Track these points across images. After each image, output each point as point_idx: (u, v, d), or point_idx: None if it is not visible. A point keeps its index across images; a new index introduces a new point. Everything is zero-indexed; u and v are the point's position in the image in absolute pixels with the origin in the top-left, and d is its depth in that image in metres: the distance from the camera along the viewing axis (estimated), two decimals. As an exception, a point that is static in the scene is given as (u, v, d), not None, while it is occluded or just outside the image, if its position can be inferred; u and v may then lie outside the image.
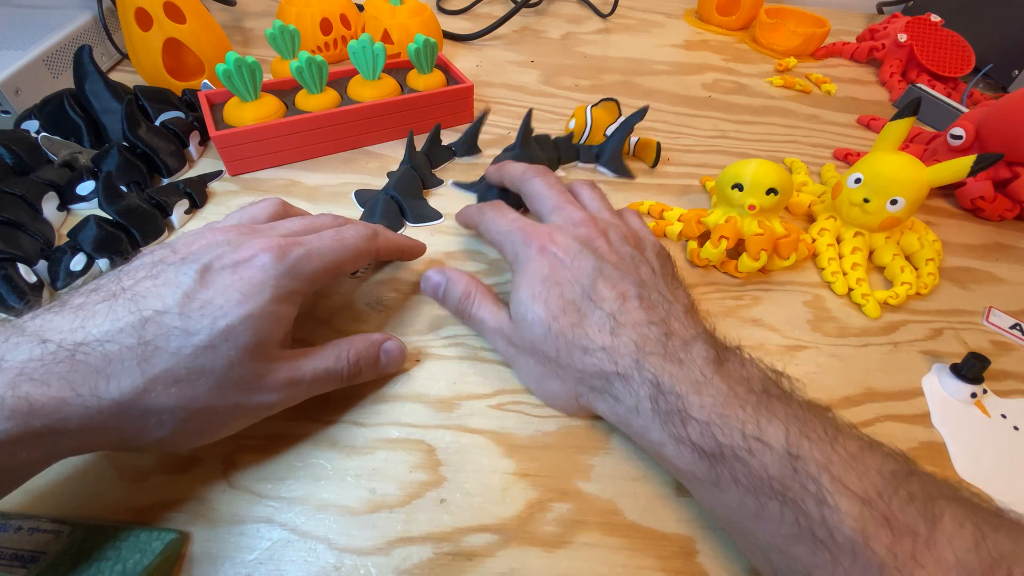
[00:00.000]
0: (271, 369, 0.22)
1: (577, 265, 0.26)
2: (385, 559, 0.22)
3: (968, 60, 0.60)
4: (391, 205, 0.37)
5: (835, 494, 0.18)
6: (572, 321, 0.24)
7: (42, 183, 0.34)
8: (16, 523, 0.21)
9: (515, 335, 0.26)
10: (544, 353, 0.25)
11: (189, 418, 0.20)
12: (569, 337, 0.24)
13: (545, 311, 0.25)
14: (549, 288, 0.25)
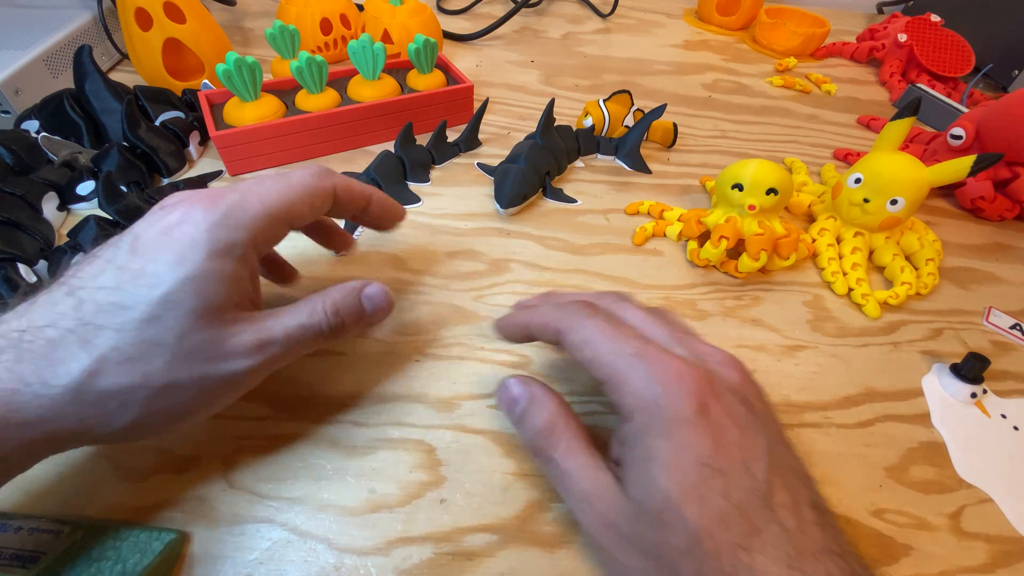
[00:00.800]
0: (231, 333, 0.20)
1: (749, 444, 0.18)
2: (385, 559, 0.22)
3: (968, 60, 0.60)
4: None
5: None
6: (738, 541, 0.16)
7: (42, 183, 0.34)
8: (16, 523, 0.21)
9: (627, 524, 0.18)
10: (673, 569, 0.17)
11: (153, 397, 0.18)
12: (727, 565, 0.16)
13: (700, 518, 0.16)
14: (710, 479, 0.17)
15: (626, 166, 0.45)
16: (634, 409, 0.18)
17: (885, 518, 0.25)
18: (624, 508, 0.18)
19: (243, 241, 0.20)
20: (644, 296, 0.34)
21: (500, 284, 0.34)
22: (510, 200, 0.38)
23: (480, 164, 0.43)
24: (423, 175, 0.41)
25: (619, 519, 0.18)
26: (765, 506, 0.17)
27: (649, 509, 0.17)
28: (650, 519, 0.17)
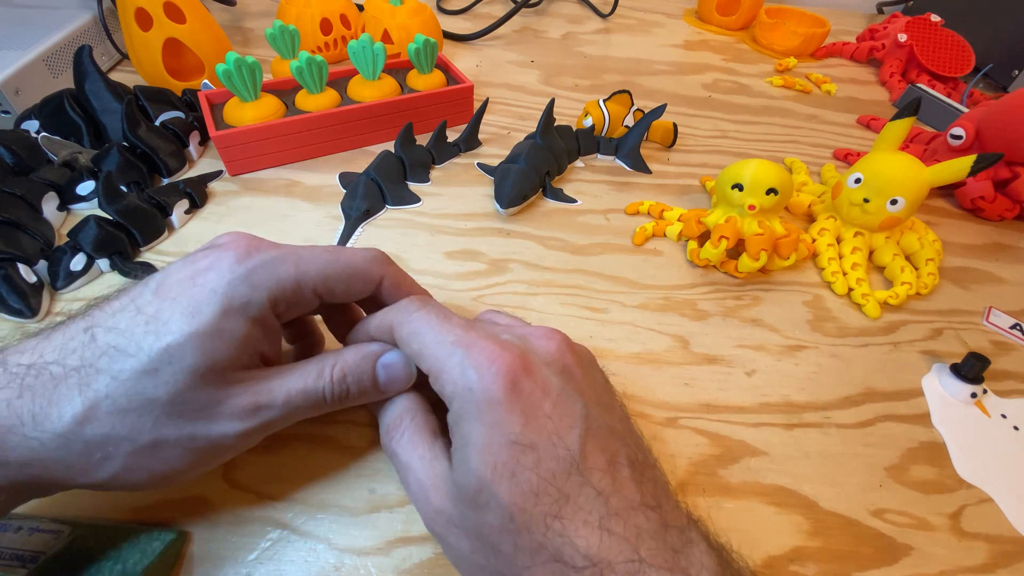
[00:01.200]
0: (229, 394, 0.18)
1: (562, 414, 0.18)
2: (385, 559, 0.22)
3: (968, 60, 0.60)
4: (372, 187, 0.38)
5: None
6: (549, 510, 0.17)
7: (42, 183, 0.34)
8: (16, 523, 0.21)
9: (455, 509, 0.18)
10: (494, 546, 0.17)
11: (138, 453, 0.18)
12: (539, 535, 0.17)
13: (510, 495, 0.17)
14: (520, 455, 0.17)
15: (626, 166, 0.45)
16: (452, 396, 0.18)
17: (885, 518, 0.25)
18: (450, 494, 0.18)
19: (261, 302, 0.19)
20: (644, 296, 0.34)
21: (500, 284, 0.34)
22: (510, 200, 0.38)
23: (480, 164, 0.43)
24: (423, 175, 0.41)
25: (448, 505, 0.19)
26: (577, 472, 0.17)
27: (468, 492, 0.18)
28: (470, 502, 0.18)
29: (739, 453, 0.27)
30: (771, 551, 0.23)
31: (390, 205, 0.39)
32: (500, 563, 0.17)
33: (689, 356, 0.31)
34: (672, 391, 0.29)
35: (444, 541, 0.19)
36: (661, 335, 0.32)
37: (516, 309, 0.33)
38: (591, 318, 0.33)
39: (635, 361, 0.30)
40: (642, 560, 0.16)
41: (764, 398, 0.29)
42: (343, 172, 0.41)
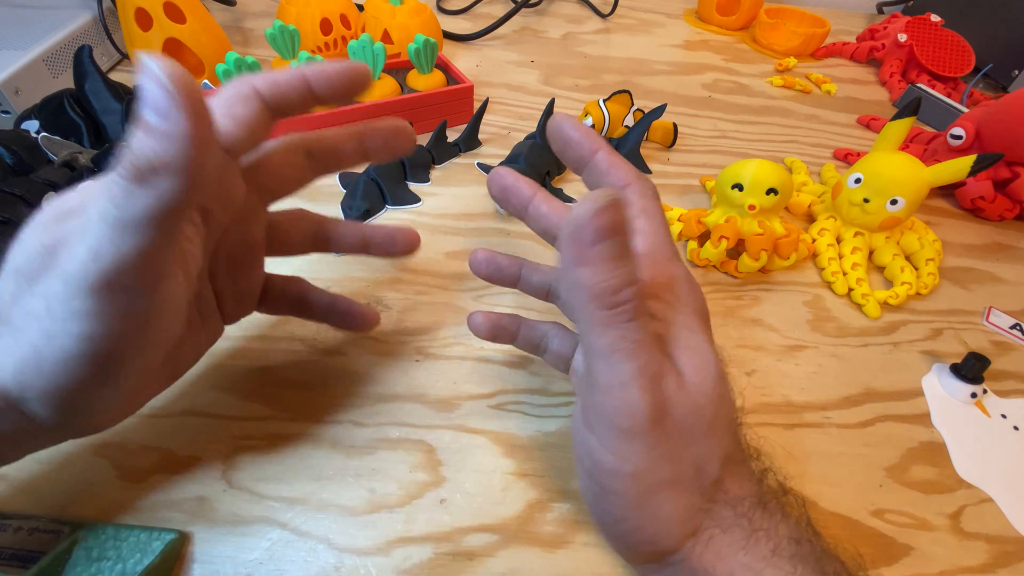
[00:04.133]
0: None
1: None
2: (385, 559, 0.22)
3: (968, 60, 0.60)
4: (372, 187, 0.38)
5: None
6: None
7: (42, 183, 0.34)
8: (16, 523, 0.21)
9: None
10: (703, 419, 0.18)
11: (18, 337, 0.15)
12: (730, 404, 0.19)
13: (714, 350, 0.19)
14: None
15: (626, 166, 0.45)
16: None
17: (885, 518, 0.25)
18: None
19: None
20: (644, 296, 0.34)
21: (500, 284, 0.34)
22: None
23: (480, 164, 0.43)
24: (423, 175, 0.41)
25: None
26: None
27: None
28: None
29: (739, 453, 0.27)
30: (771, 551, 0.23)
31: (390, 205, 0.39)
32: (688, 443, 0.18)
33: (689, 356, 0.31)
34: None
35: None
36: (661, 335, 0.32)
37: (516, 309, 0.33)
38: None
39: (635, 361, 0.30)
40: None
41: (764, 398, 0.29)
42: (343, 172, 0.41)
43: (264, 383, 0.27)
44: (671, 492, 0.17)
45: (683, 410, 0.17)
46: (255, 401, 0.27)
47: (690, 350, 0.18)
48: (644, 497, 0.17)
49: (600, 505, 0.18)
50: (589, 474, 0.18)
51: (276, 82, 0.19)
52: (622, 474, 0.17)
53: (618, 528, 0.18)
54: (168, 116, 0.13)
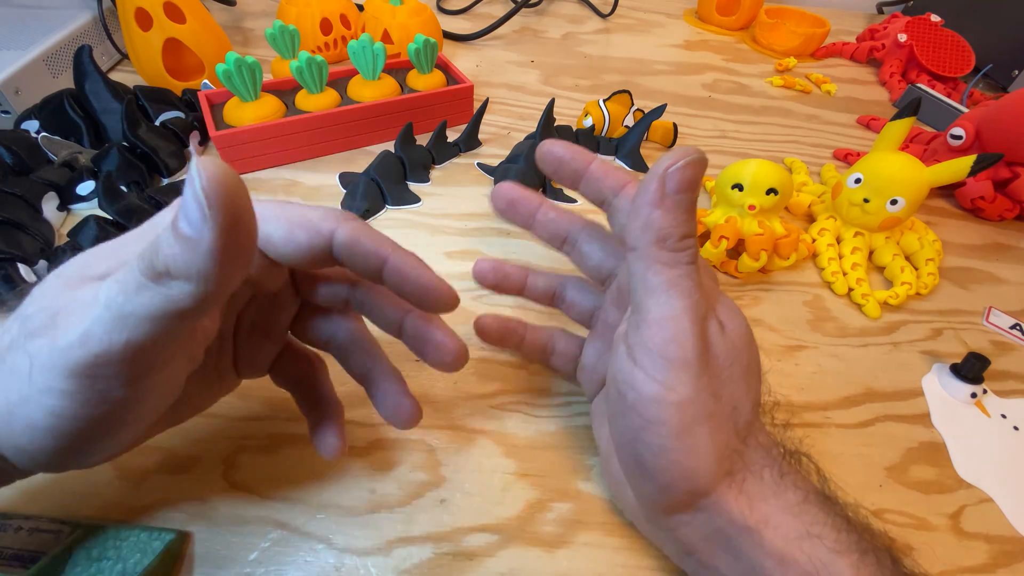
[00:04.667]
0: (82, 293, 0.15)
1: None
2: (385, 559, 0.22)
3: (968, 60, 0.60)
4: (372, 187, 0.38)
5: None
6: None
7: (42, 183, 0.34)
8: (16, 523, 0.21)
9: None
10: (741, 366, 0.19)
11: (9, 389, 0.15)
12: (758, 357, 0.21)
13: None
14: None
15: (626, 166, 0.45)
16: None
17: (885, 518, 0.25)
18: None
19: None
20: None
21: (500, 284, 0.34)
22: None
23: (480, 164, 0.43)
24: (423, 175, 0.41)
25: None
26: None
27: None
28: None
29: (739, 453, 0.27)
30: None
31: (390, 205, 0.39)
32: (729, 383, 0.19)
33: (689, 356, 0.31)
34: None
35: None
36: (661, 335, 0.32)
37: (516, 309, 0.33)
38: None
39: (635, 361, 0.30)
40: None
41: (764, 398, 0.29)
42: (343, 172, 0.41)
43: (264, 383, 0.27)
44: (711, 427, 0.18)
45: (723, 350, 0.19)
46: (255, 401, 0.27)
47: (725, 306, 0.20)
48: (687, 428, 0.18)
49: (641, 439, 0.19)
50: (632, 408, 0.19)
51: (357, 239, 0.18)
52: (668, 402, 0.18)
53: (658, 462, 0.18)
54: (196, 226, 0.12)
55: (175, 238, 0.13)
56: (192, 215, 0.12)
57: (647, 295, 0.18)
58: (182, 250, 0.13)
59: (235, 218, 0.12)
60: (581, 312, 0.26)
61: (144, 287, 0.13)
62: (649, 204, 0.18)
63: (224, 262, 0.13)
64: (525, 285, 0.26)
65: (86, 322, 0.14)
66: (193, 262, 0.13)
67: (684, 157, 0.18)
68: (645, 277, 0.18)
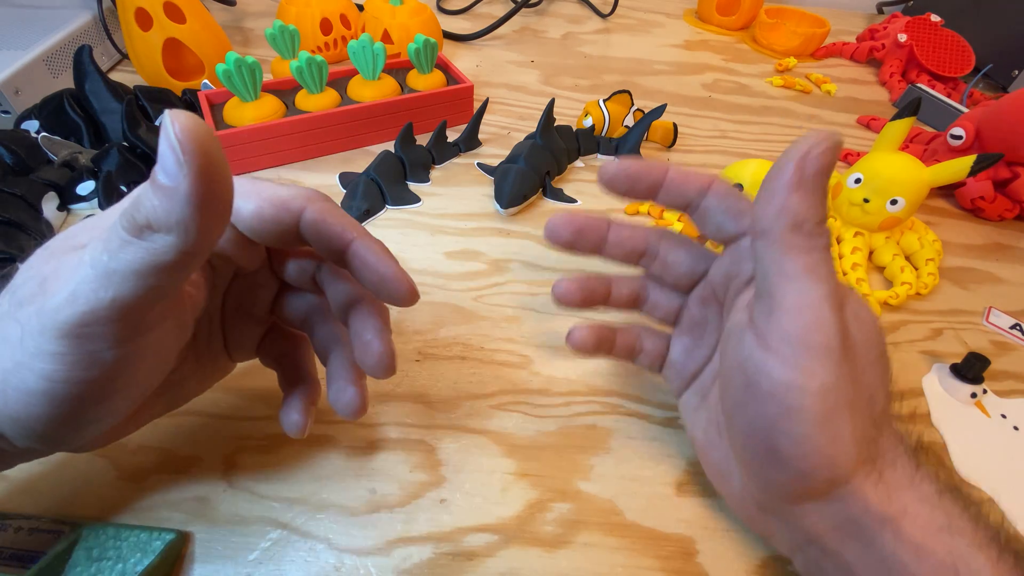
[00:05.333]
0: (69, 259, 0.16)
1: None
2: (385, 559, 0.22)
3: (968, 60, 0.60)
4: (372, 187, 0.38)
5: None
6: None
7: (42, 183, 0.34)
8: (16, 523, 0.21)
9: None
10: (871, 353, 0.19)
11: (7, 357, 0.15)
12: (885, 346, 0.20)
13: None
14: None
15: (626, 166, 0.45)
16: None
17: (885, 518, 0.25)
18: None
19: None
20: (644, 296, 0.34)
21: (500, 284, 0.34)
22: (510, 200, 0.38)
23: (480, 164, 0.43)
24: (423, 175, 0.41)
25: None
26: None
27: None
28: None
29: (739, 453, 0.27)
30: (771, 551, 0.23)
31: (390, 205, 0.39)
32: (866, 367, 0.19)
33: (689, 356, 0.31)
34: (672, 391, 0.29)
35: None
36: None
37: (516, 309, 0.33)
38: (591, 318, 0.32)
39: (635, 361, 0.30)
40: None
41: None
42: (343, 172, 0.41)
43: (264, 383, 0.27)
44: (852, 414, 0.18)
45: (861, 338, 0.18)
46: (255, 401, 0.27)
47: (851, 294, 0.19)
48: (829, 414, 0.17)
49: (780, 427, 0.18)
50: (770, 396, 0.18)
51: (323, 219, 0.18)
52: (809, 390, 0.17)
53: (798, 450, 0.18)
54: (172, 174, 0.13)
55: (154, 190, 0.13)
56: (168, 164, 0.12)
57: (783, 281, 0.18)
58: (161, 200, 0.13)
59: (209, 163, 0.13)
60: (666, 312, 0.26)
61: (127, 243, 0.13)
62: (787, 187, 0.17)
63: (203, 209, 0.13)
64: (610, 294, 0.26)
65: (72, 282, 0.14)
66: (173, 211, 0.13)
67: (826, 140, 0.17)
68: (780, 263, 0.18)
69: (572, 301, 0.25)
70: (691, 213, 0.22)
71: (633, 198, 0.23)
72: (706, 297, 0.24)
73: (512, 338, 0.31)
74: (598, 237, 0.24)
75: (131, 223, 0.13)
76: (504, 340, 0.31)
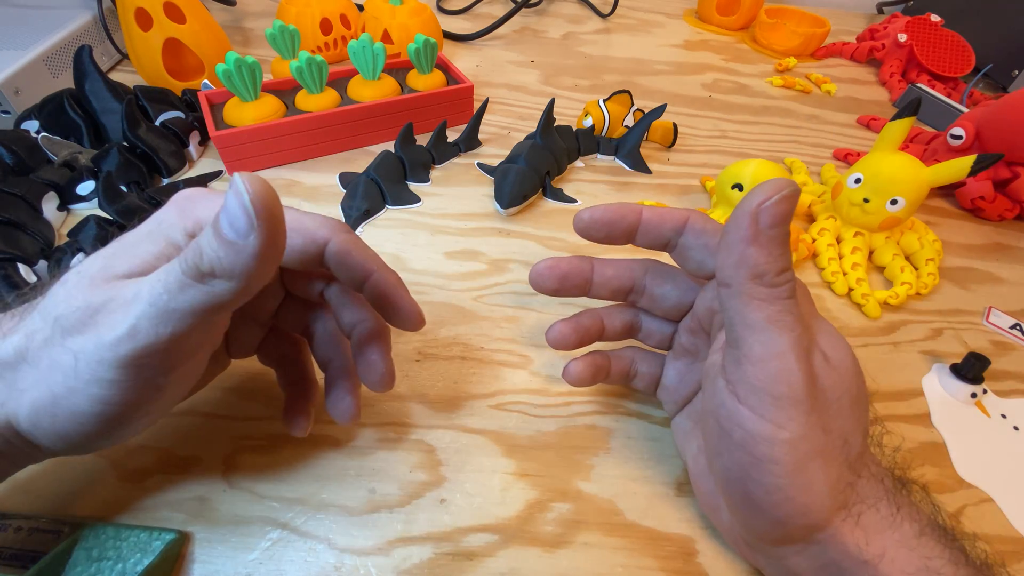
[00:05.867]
0: (111, 297, 0.16)
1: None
2: (385, 559, 0.22)
3: (968, 60, 0.60)
4: (372, 187, 0.38)
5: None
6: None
7: (42, 183, 0.34)
8: (16, 523, 0.21)
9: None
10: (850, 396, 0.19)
11: (41, 382, 0.16)
12: (864, 386, 0.20)
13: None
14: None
15: (626, 166, 0.45)
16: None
17: (885, 518, 0.25)
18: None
19: (183, 226, 0.18)
20: (644, 296, 0.34)
21: (500, 284, 0.34)
22: (510, 200, 0.38)
23: (480, 164, 0.43)
24: (423, 175, 0.41)
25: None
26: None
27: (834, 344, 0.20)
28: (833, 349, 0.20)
29: (739, 453, 0.27)
30: (771, 551, 0.23)
31: (390, 205, 0.39)
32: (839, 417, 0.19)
33: (689, 356, 0.31)
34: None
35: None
36: (661, 335, 0.32)
37: (516, 309, 0.33)
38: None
39: (635, 361, 0.30)
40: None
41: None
42: (343, 172, 0.41)
43: (264, 383, 0.27)
44: (824, 462, 0.18)
45: (830, 382, 0.18)
46: (255, 401, 0.27)
47: (826, 334, 0.19)
48: (800, 464, 0.17)
49: (752, 477, 0.18)
50: (741, 446, 0.18)
51: (348, 252, 0.20)
52: (779, 441, 0.17)
53: (771, 499, 0.18)
54: (243, 234, 0.14)
55: (219, 243, 0.15)
56: (240, 224, 0.14)
57: (747, 332, 0.18)
58: (227, 253, 0.15)
59: (276, 225, 0.15)
60: (660, 339, 0.26)
61: (188, 286, 0.15)
62: (743, 241, 0.17)
63: (263, 262, 0.15)
64: (604, 330, 0.26)
65: (131, 318, 0.15)
66: (238, 263, 0.15)
67: (777, 192, 0.17)
68: (743, 314, 0.18)
69: (567, 344, 0.25)
70: (670, 251, 0.22)
71: (612, 243, 0.22)
72: (694, 328, 0.24)
73: (512, 338, 0.31)
74: (583, 279, 0.24)
75: (194, 271, 0.15)
76: (504, 340, 0.31)
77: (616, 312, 0.26)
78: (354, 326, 0.22)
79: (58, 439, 0.17)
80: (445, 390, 0.28)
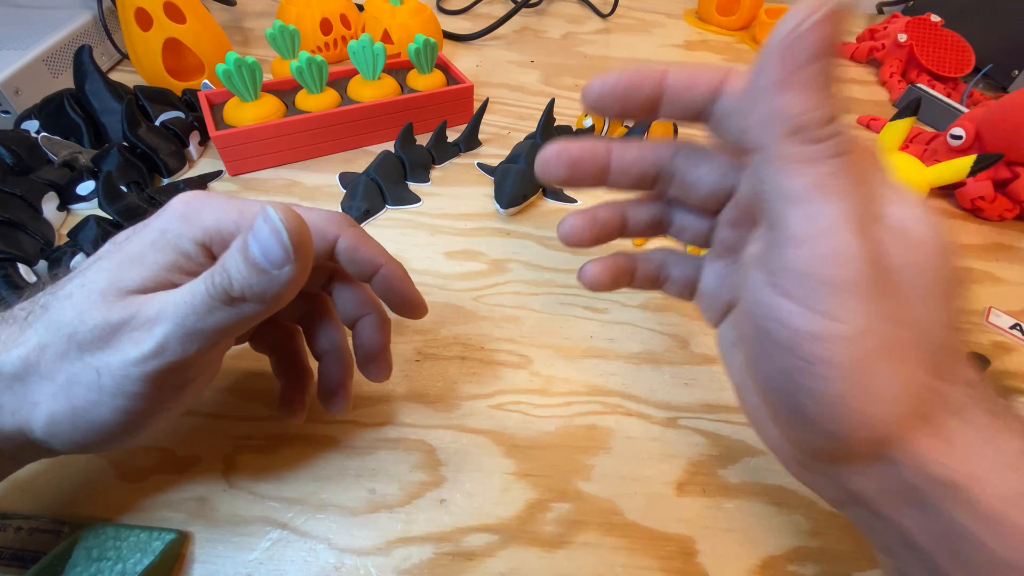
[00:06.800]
0: (131, 313, 0.17)
1: None
2: (385, 559, 0.22)
3: (968, 60, 0.60)
4: (372, 187, 0.38)
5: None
6: None
7: (42, 183, 0.34)
8: (16, 523, 0.21)
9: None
10: (920, 290, 0.14)
11: (58, 396, 0.17)
12: (952, 260, 0.15)
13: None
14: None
15: (626, 166, 0.45)
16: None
17: (885, 518, 0.25)
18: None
19: (192, 236, 0.18)
20: (644, 296, 0.34)
21: (500, 284, 0.34)
22: (510, 200, 0.38)
23: (480, 164, 0.43)
24: (423, 175, 0.41)
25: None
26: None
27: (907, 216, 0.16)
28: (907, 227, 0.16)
29: (739, 453, 0.27)
30: (771, 551, 0.23)
31: (390, 205, 0.39)
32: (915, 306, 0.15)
33: (689, 356, 0.31)
34: (672, 391, 0.29)
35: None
36: (661, 335, 0.32)
37: (516, 309, 0.33)
38: (591, 318, 0.33)
39: (635, 361, 0.30)
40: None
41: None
42: (343, 172, 0.41)
43: (264, 383, 0.27)
44: (894, 361, 0.14)
45: (904, 261, 0.14)
46: (255, 401, 0.27)
47: (900, 203, 0.15)
48: (861, 365, 0.14)
49: (799, 384, 0.14)
50: (784, 348, 0.14)
51: (357, 247, 0.21)
52: (835, 337, 0.13)
53: (826, 411, 0.14)
54: (278, 265, 0.15)
55: (251, 271, 0.15)
56: (274, 255, 0.15)
57: (786, 205, 0.14)
58: (259, 279, 0.16)
59: (308, 255, 0.16)
60: (695, 235, 0.21)
61: (216, 308, 0.16)
62: (772, 86, 0.13)
63: (294, 288, 0.16)
64: (627, 224, 0.22)
65: (158, 336, 0.16)
66: (270, 289, 0.16)
67: (815, 10, 0.12)
68: (779, 183, 0.14)
69: (581, 239, 0.21)
70: (705, 123, 0.18)
71: (630, 117, 0.18)
72: (737, 220, 0.19)
73: (512, 338, 0.31)
74: (598, 166, 0.20)
75: (223, 295, 0.16)
76: (504, 340, 0.31)
77: (641, 204, 0.22)
78: (353, 314, 0.23)
79: (75, 445, 0.18)
80: (445, 390, 0.28)
